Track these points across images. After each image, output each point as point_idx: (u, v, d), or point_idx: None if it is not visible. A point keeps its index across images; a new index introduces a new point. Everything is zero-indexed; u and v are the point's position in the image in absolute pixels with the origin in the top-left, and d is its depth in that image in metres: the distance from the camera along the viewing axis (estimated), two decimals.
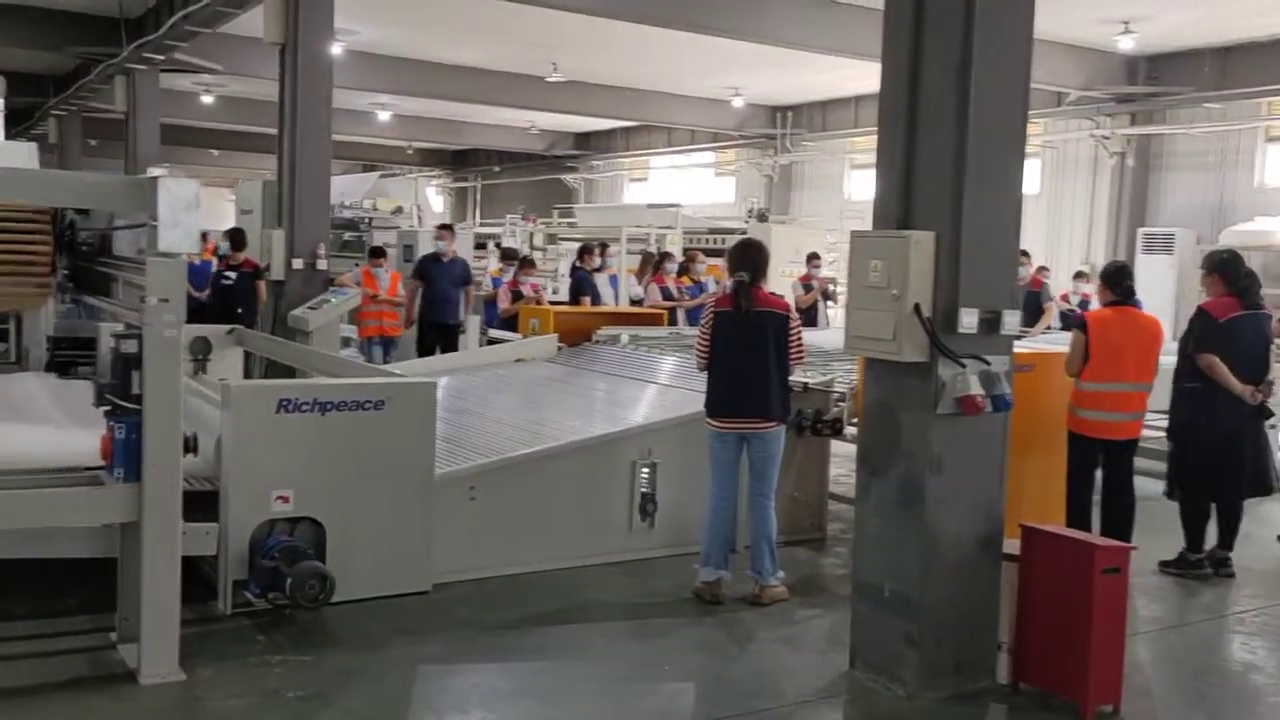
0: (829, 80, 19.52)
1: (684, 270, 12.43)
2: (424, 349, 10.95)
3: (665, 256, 12.54)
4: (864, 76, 17.62)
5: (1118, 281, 6.46)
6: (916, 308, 4.39)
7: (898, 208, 4.56)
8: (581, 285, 11.76)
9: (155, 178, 4.06)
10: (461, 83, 20.37)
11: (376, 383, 5.44)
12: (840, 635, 4.97)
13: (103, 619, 4.76)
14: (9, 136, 10.23)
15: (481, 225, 26.89)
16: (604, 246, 12.81)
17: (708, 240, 17.33)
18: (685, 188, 26.06)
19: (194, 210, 4.09)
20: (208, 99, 22.49)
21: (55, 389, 6.16)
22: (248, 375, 8.34)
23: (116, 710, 4.07)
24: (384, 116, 24.90)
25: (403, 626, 5.09)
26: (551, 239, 19.96)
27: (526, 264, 11.74)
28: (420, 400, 5.39)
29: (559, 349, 9.15)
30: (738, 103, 21.98)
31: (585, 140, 29.05)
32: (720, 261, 13.60)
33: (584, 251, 12.21)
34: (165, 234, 4.03)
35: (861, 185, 21.97)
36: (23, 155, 7.86)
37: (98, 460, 4.45)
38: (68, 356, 8.32)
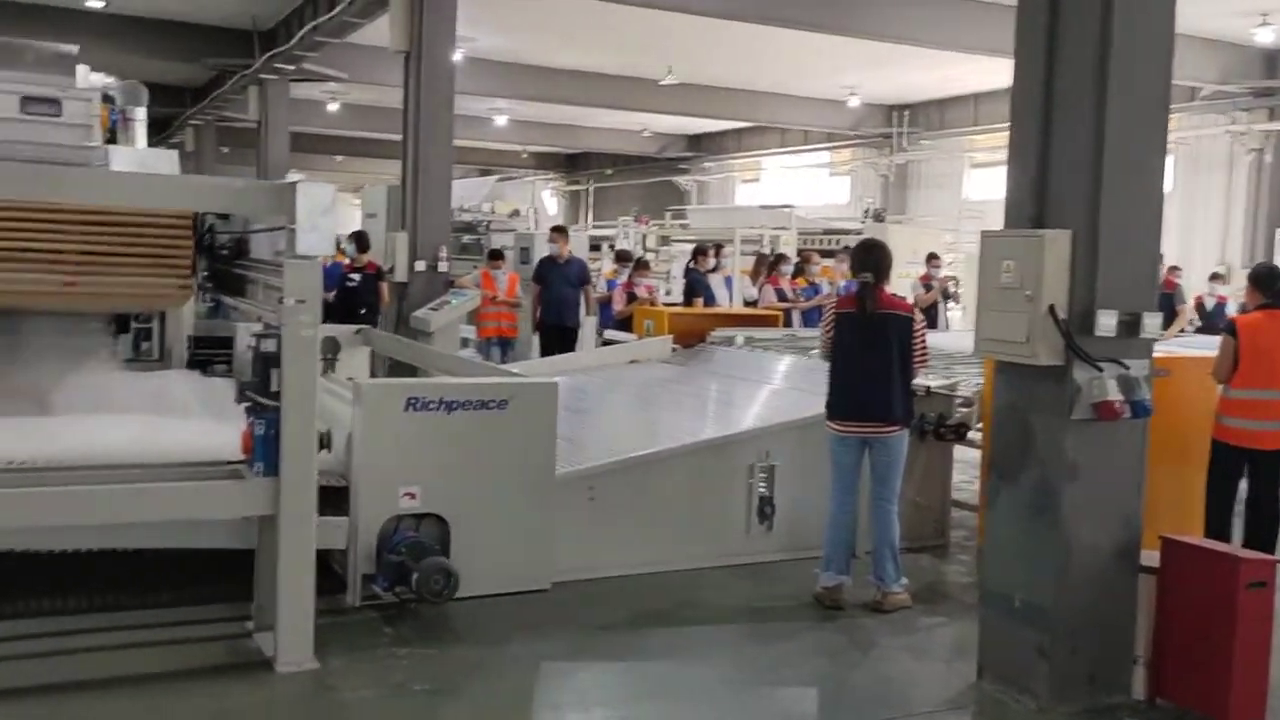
0: (948, 77, 19.15)
1: (799, 272, 12.33)
2: (545, 351, 11.08)
3: (781, 258, 12.45)
4: (985, 72, 17.24)
5: (1268, 284, 6.16)
6: (1051, 309, 4.26)
7: (1031, 205, 4.43)
8: (695, 287, 11.75)
9: (295, 183, 4.19)
10: (576, 87, 20.62)
11: (500, 382, 5.52)
12: (966, 645, 4.86)
13: (240, 608, 4.93)
14: (150, 145, 10.68)
15: (594, 228, 27.13)
16: (719, 248, 12.79)
17: (822, 241, 17.17)
18: (798, 188, 25.86)
19: (330, 214, 4.21)
20: (334, 107, 23.20)
21: (196, 385, 6.40)
22: (373, 374, 8.56)
23: (254, 697, 4.21)
24: (501, 121, 25.33)
25: (524, 623, 5.15)
26: (664, 241, 20.03)
27: (641, 266, 11.79)
28: (542, 400, 5.45)
29: (673, 350, 9.16)
30: (853, 102, 21.72)
31: (697, 142, 29.08)
32: (833, 263, 13.47)
33: (698, 253, 12.20)
34: (303, 237, 4.16)
35: (981, 184, 21.46)
36: (166, 162, 8.21)
37: (238, 455, 4.62)
38: (206, 355, 8.67)
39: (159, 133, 23.28)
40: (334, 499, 5.04)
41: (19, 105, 9.05)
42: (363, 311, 10.66)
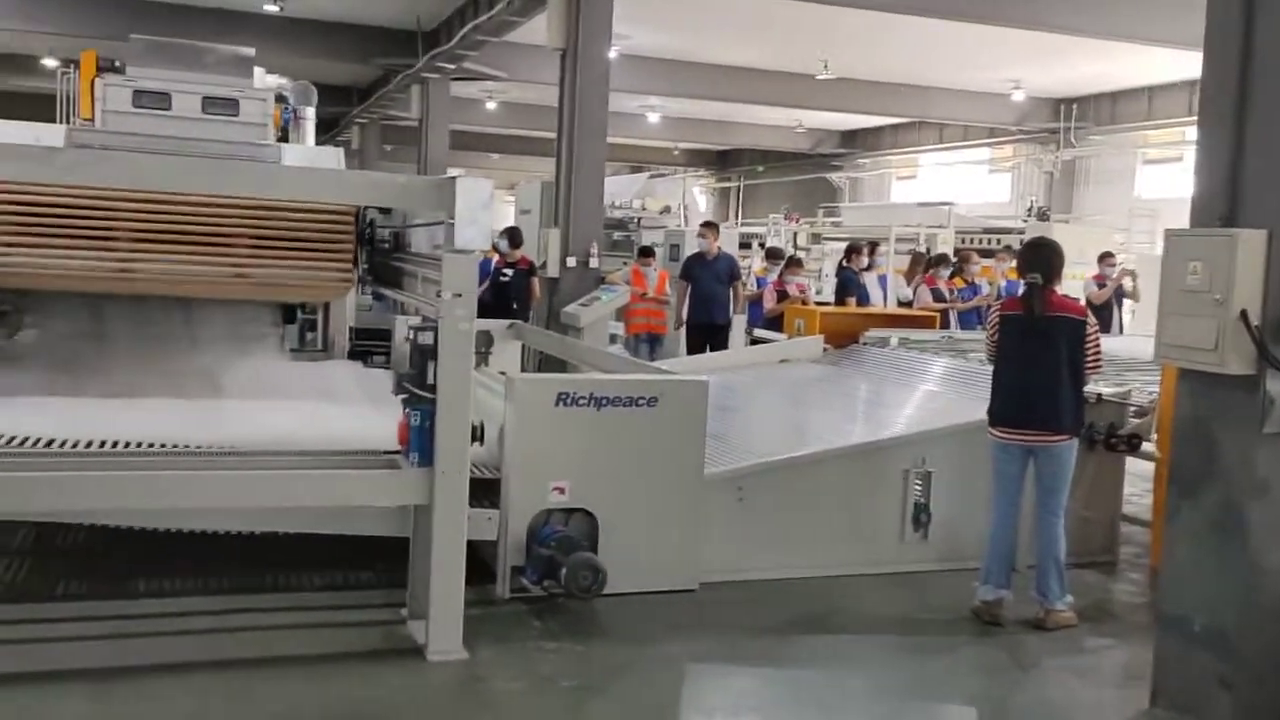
0: (1119, 70, 18.24)
1: (957, 271, 11.93)
2: (692, 349, 11.02)
3: (941, 258, 12.07)
4: (1160, 65, 16.34)
5: None
6: (1243, 314, 3.95)
7: (1222, 204, 4.12)
8: (848, 285, 11.50)
9: (454, 179, 4.23)
10: (730, 83, 20.51)
11: (650, 379, 5.49)
12: (1137, 669, 4.57)
13: (395, 594, 5.04)
14: (318, 143, 11.11)
15: (744, 225, 26.97)
16: (873, 246, 12.48)
17: (982, 240, 16.61)
18: (955, 186, 25.10)
19: (488, 209, 4.24)
20: (491, 105, 23.72)
21: (357, 375, 6.60)
22: (523, 368, 8.68)
23: (405, 683, 4.28)
24: (653, 118, 25.43)
25: (671, 623, 5.10)
26: (816, 238, 19.75)
27: (793, 263, 11.59)
28: (692, 398, 5.39)
29: (824, 350, 8.97)
30: (1017, 96, 20.95)
31: (852, 138, 28.57)
32: (993, 263, 12.99)
33: (852, 251, 11.94)
34: (461, 231, 4.20)
35: (1154, 181, 20.39)
36: (331, 159, 8.51)
37: (394, 444, 4.71)
38: (366, 346, 8.95)
39: (327, 131, 24.22)
40: (485, 490, 5.12)
41: (201, 105, 9.54)
42: (514, 305, 10.82)
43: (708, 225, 11.64)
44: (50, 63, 18.39)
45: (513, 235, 11.66)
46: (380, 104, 21.19)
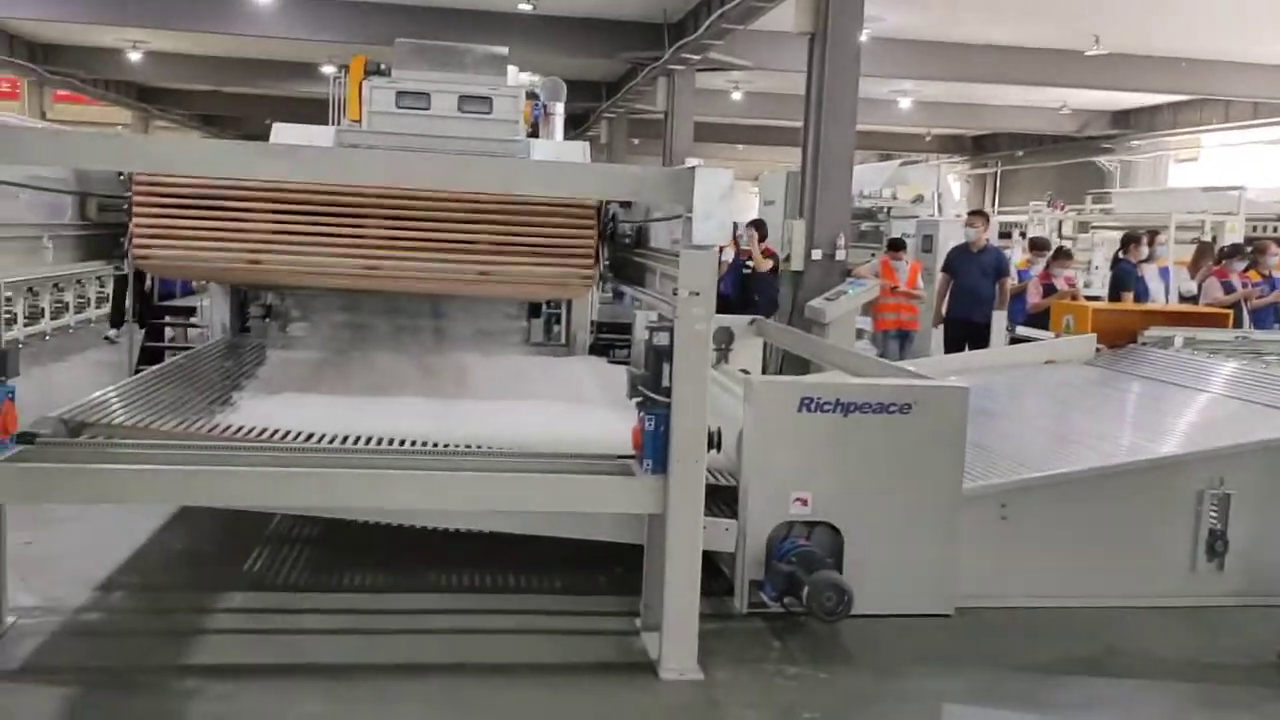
0: None
1: (1251, 264, 10.67)
2: (949, 347, 10.34)
3: (1235, 249, 10.82)
4: None
5: None
6: None
7: None
8: (1124, 279, 10.46)
9: (693, 168, 3.97)
10: (990, 63, 19.37)
11: (904, 384, 5.05)
12: None
13: (630, 601, 4.87)
14: (567, 138, 11.22)
15: (1001, 213, 25.51)
16: (1153, 235, 11.33)
17: (1277, 229, 14.90)
18: (1245, 168, 22.73)
19: (727, 200, 3.96)
20: (737, 95, 23.50)
21: (599, 373, 6.52)
22: (764, 367, 8.37)
23: (637, 702, 4.07)
24: (904, 104, 24.44)
25: (923, 652, 4.67)
26: (1083, 227, 18.32)
27: (1061, 255, 10.64)
28: (951, 406, 4.92)
29: (1097, 351, 8.19)
30: None
31: (1124, 118, 26.43)
32: None
33: (1129, 241, 10.85)
34: (700, 225, 3.94)
35: None
36: (577, 153, 8.51)
37: (628, 448, 4.53)
38: (608, 339, 8.92)
39: (576, 127, 24.73)
40: (724, 498, 4.86)
41: (457, 104, 9.83)
42: (757, 300, 10.52)
43: (977, 214, 10.80)
44: (328, 69, 19.62)
45: (759, 228, 11.34)
46: (627, 98, 21.38)
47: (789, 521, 4.83)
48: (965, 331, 10.32)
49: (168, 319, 10.62)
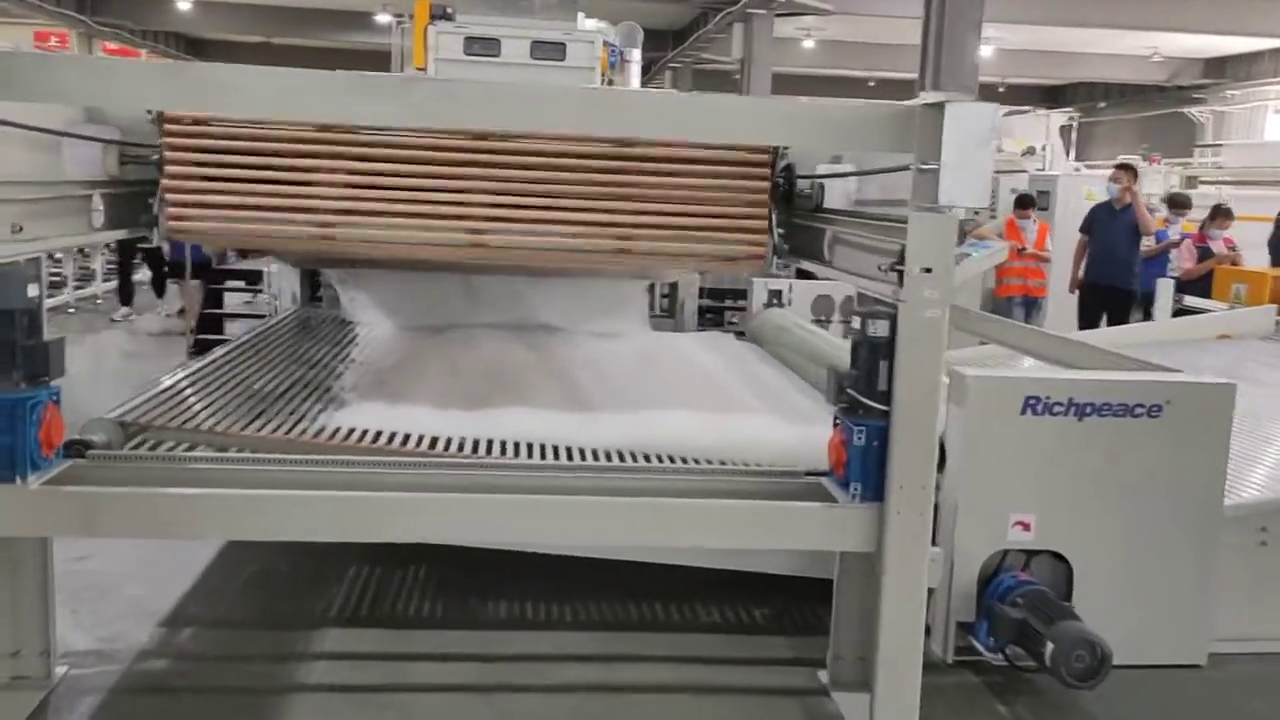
0: None
1: None
2: (1085, 317, 9.22)
3: None
4: None
5: None
6: None
7: None
8: None
9: (938, 104, 2.98)
10: (1074, 7, 18.02)
11: (1153, 380, 4.06)
12: None
13: (802, 645, 3.97)
14: None
15: (1078, 168, 24.09)
16: None
17: None
18: None
19: (986, 149, 2.97)
20: (809, 43, 22.28)
21: (731, 354, 5.60)
22: None
23: None
24: (985, 51, 23.03)
25: (1174, 714, 3.74)
26: (1190, 182, 17.02)
27: (1220, 214, 9.48)
28: (1213, 406, 3.95)
29: (1277, 324, 7.16)
30: None
31: (1218, 66, 24.82)
32: None
33: None
34: (950, 179, 2.96)
35: None
36: None
37: (815, 463, 3.60)
38: (715, 306, 7.98)
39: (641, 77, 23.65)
40: None
41: (529, 50, 8.86)
42: None
43: (1123, 168, 9.58)
44: (382, 18, 18.66)
45: None
46: (697, 46, 20.25)
47: (1003, 550, 3.91)
48: (1103, 299, 9.21)
49: (228, 284, 9.75)
